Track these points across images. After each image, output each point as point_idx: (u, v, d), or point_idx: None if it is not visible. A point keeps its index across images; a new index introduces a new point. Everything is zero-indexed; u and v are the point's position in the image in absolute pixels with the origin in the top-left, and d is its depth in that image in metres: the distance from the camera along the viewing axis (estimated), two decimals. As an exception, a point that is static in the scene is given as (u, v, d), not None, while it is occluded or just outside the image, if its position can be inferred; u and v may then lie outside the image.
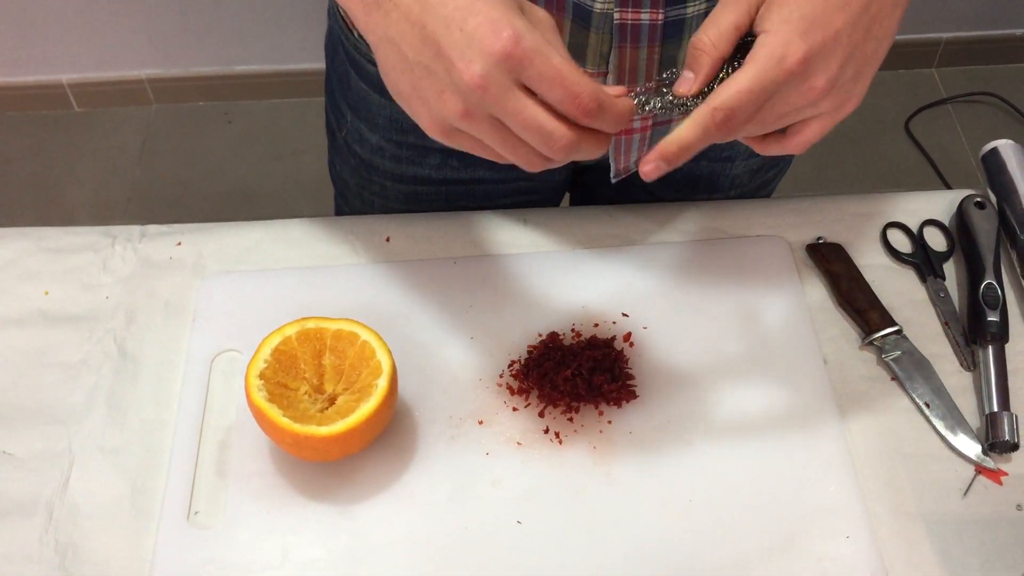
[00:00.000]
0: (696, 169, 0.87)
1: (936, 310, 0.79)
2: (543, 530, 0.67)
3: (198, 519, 0.68)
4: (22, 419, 0.73)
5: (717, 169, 0.88)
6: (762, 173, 0.91)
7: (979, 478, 0.70)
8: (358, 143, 0.88)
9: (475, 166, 0.86)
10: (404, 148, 0.86)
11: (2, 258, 0.82)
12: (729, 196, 0.91)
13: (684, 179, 0.88)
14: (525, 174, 0.86)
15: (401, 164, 0.87)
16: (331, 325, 0.70)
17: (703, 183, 0.89)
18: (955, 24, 2.21)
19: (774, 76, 0.52)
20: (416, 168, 0.87)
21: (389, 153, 0.86)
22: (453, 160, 0.86)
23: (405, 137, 0.85)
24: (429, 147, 0.85)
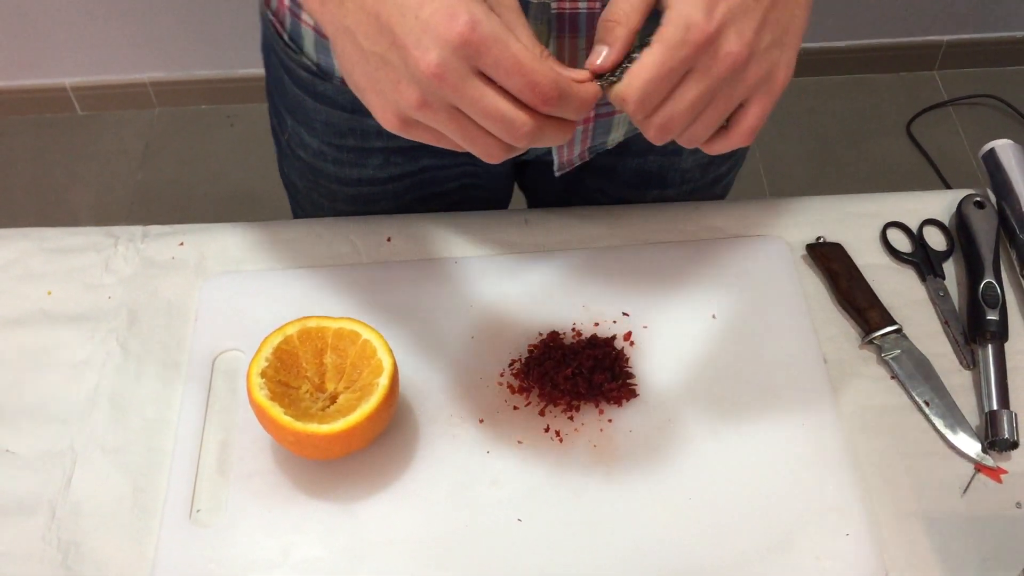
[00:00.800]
0: (645, 164, 0.87)
1: (936, 309, 0.79)
2: (543, 528, 0.67)
3: (200, 517, 0.68)
4: (25, 418, 0.73)
5: (666, 163, 0.87)
6: (714, 168, 0.91)
7: (978, 476, 0.70)
8: (300, 148, 0.88)
9: (419, 157, 0.85)
10: (344, 151, 0.85)
11: (4, 258, 0.82)
12: (681, 192, 0.90)
13: (634, 175, 0.88)
14: (469, 159, 0.84)
15: (344, 167, 0.87)
16: (332, 324, 0.70)
17: (654, 178, 0.88)
18: (956, 26, 2.21)
19: (680, 54, 0.51)
20: (359, 170, 0.87)
21: (331, 157, 0.86)
22: (396, 157, 0.85)
23: (344, 140, 0.84)
24: (369, 148, 0.84)
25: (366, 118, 0.81)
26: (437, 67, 0.50)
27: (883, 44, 2.22)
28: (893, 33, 2.21)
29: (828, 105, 2.21)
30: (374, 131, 0.83)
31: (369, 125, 0.82)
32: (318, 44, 0.76)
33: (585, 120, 0.73)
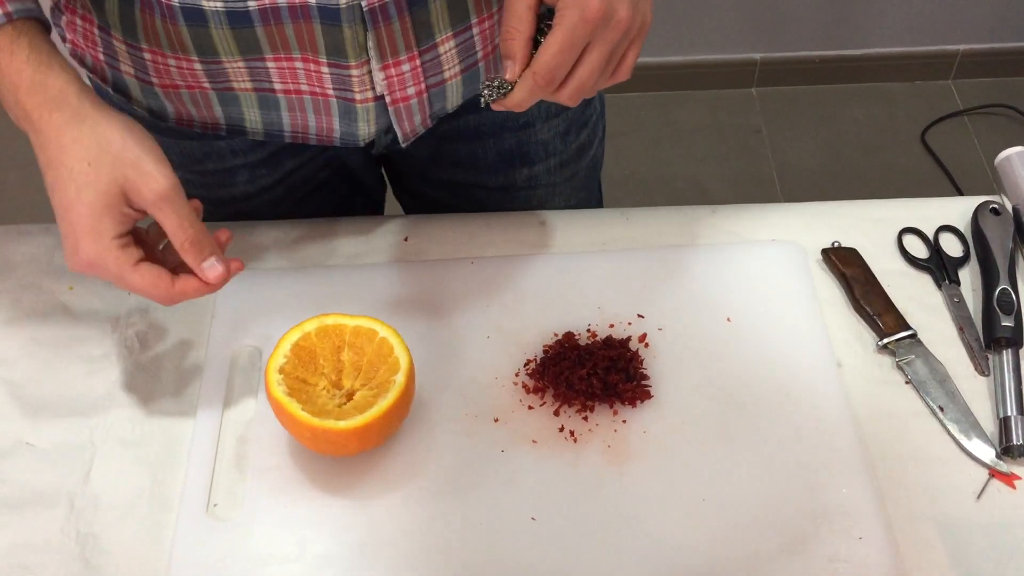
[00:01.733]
0: (502, 144, 0.88)
1: (951, 315, 0.79)
2: (557, 528, 0.67)
3: (217, 511, 0.68)
4: (45, 411, 0.74)
5: (523, 138, 0.88)
6: (573, 135, 0.91)
7: (993, 482, 0.70)
8: None
9: (282, 160, 0.87)
10: (208, 176, 0.86)
11: (28, 254, 0.83)
12: (550, 166, 0.91)
13: (496, 158, 0.89)
14: (325, 148, 0.86)
15: (212, 190, 0.88)
16: (350, 322, 0.70)
17: (517, 157, 0.90)
18: (972, 36, 2.20)
19: (582, 31, 0.60)
20: (228, 189, 0.88)
21: (198, 183, 0.87)
22: (261, 169, 0.86)
23: (203, 166, 0.85)
24: (231, 167, 0.86)
25: (215, 140, 0.82)
26: (83, 268, 0.65)
27: (898, 53, 2.22)
28: (908, 42, 2.21)
29: (843, 113, 2.21)
30: (228, 151, 0.84)
31: (222, 147, 0.83)
32: (145, 90, 0.76)
33: (418, 93, 0.75)
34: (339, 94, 0.73)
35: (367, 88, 0.73)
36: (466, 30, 0.73)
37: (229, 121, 0.78)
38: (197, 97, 0.75)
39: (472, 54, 0.75)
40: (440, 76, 0.75)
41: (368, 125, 0.76)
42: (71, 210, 0.63)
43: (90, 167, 0.63)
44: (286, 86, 0.74)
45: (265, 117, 0.77)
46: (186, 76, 0.73)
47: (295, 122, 0.77)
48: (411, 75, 0.73)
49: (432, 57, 0.73)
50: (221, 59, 0.71)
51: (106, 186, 0.63)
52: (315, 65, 0.71)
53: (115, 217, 0.64)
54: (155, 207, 0.64)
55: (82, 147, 0.63)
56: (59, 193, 0.64)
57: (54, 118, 0.64)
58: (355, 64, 0.70)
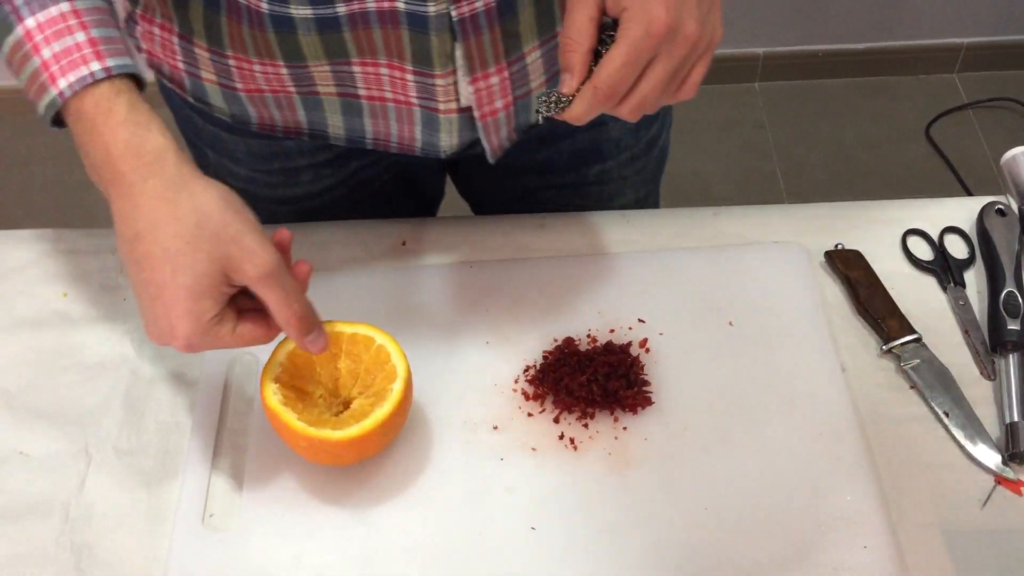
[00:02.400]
0: (576, 144, 0.88)
1: (956, 318, 0.78)
2: (557, 536, 0.67)
3: (213, 522, 0.68)
4: (39, 420, 0.73)
5: (597, 136, 0.88)
6: (644, 130, 0.91)
7: (999, 489, 0.69)
8: (228, 176, 0.87)
9: (347, 163, 0.86)
10: (272, 175, 0.86)
11: (21, 259, 0.82)
12: (621, 161, 0.91)
13: (570, 157, 0.88)
14: (395, 157, 0.85)
15: (276, 189, 0.87)
16: (347, 329, 0.70)
17: (590, 155, 0.89)
18: (976, 29, 2.19)
19: (646, 45, 0.57)
20: (292, 188, 0.87)
21: (262, 181, 0.86)
22: (325, 169, 0.86)
23: (269, 165, 0.85)
24: (296, 167, 0.85)
25: (284, 140, 0.82)
26: (182, 347, 0.61)
27: (902, 47, 2.21)
28: (912, 36, 2.19)
29: (847, 108, 2.19)
30: (295, 151, 0.83)
31: (289, 147, 0.83)
32: (227, 96, 0.75)
33: (505, 106, 0.75)
34: (423, 103, 0.73)
35: (451, 99, 0.72)
36: (552, 38, 0.72)
37: (312, 126, 0.77)
38: (281, 101, 0.75)
39: (557, 62, 0.74)
40: (527, 87, 0.74)
41: (451, 136, 0.76)
42: (165, 290, 0.59)
43: (188, 246, 0.59)
44: (370, 92, 0.73)
45: (348, 123, 0.77)
46: (271, 81, 0.72)
47: (377, 129, 0.77)
48: (499, 87, 0.73)
49: (520, 68, 0.72)
50: (307, 64, 0.70)
51: (205, 267, 0.59)
52: (400, 72, 0.70)
53: (214, 298, 0.60)
54: (259, 284, 0.61)
55: (180, 224, 0.59)
56: (150, 271, 0.60)
57: (148, 186, 0.60)
58: (440, 74, 0.70)
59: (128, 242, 0.60)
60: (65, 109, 0.61)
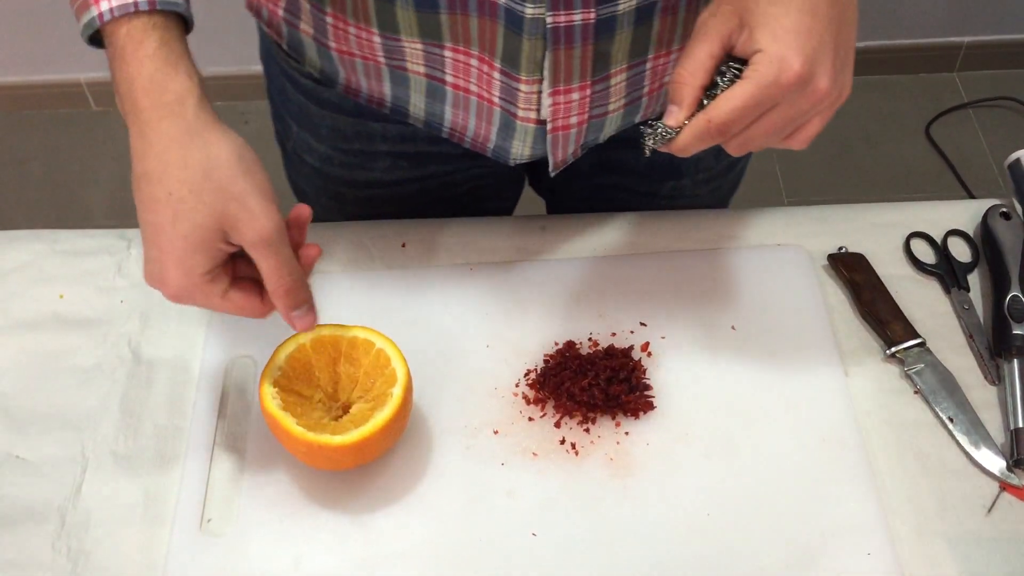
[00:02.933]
0: (656, 156, 0.86)
1: (960, 322, 0.78)
2: (558, 542, 0.66)
3: (211, 527, 0.67)
4: (35, 423, 0.72)
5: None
6: (725, 154, 0.90)
7: (1003, 495, 0.69)
8: (307, 153, 0.87)
9: (425, 163, 0.85)
10: (351, 155, 0.85)
11: (17, 261, 0.82)
12: (697, 180, 0.90)
13: (647, 168, 0.88)
14: (476, 163, 0.85)
15: (352, 170, 0.87)
16: (346, 333, 0.69)
17: (667, 170, 0.88)
18: (976, 28, 2.19)
19: (773, 92, 0.56)
20: (367, 173, 0.86)
21: (338, 161, 0.86)
22: (402, 162, 0.85)
23: (350, 144, 0.84)
24: (376, 152, 0.84)
25: (371, 122, 0.81)
26: (171, 298, 0.62)
27: (902, 45, 2.20)
28: (913, 34, 2.19)
29: (846, 106, 2.14)
30: (379, 135, 0.83)
31: (374, 129, 0.82)
32: (320, 52, 0.76)
33: (579, 123, 0.73)
34: (504, 105, 0.72)
35: (532, 108, 0.71)
36: (640, 64, 0.71)
37: (395, 101, 0.77)
38: (370, 69, 0.74)
39: (639, 88, 0.73)
40: (604, 108, 0.73)
41: (523, 146, 0.75)
42: (161, 235, 0.59)
43: (192, 195, 0.58)
44: (456, 80, 0.72)
45: (429, 106, 0.76)
46: (364, 47, 0.71)
47: (456, 119, 0.76)
48: (578, 104, 0.71)
49: (603, 88, 0.71)
50: (401, 37, 0.69)
51: (204, 219, 0.59)
52: (488, 68, 0.69)
53: (209, 253, 0.60)
54: (255, 248, 0.60)
55: (187, 170, 0.59)
56: (151, 212, 0.59)
57: (163, 127, 0.59)
58: (526, 80, 0.69)
59: (137, 179, 0.60)
60: (103, 32, 0.61)
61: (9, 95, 2.19)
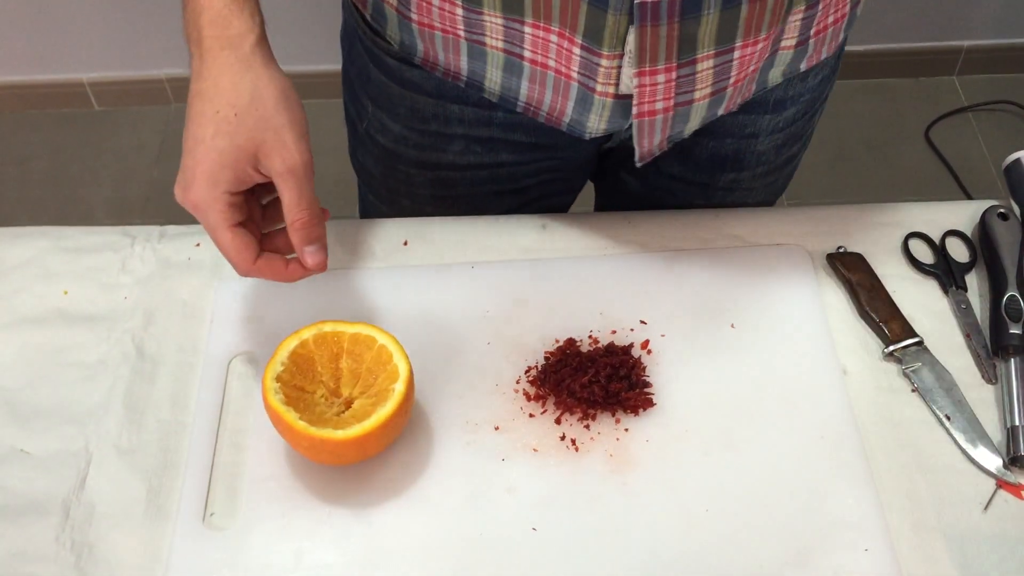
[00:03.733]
0: (722, 148, 0.87)
1: (958, 322, 0.78)
2: (558, 537, 0.67)
3: (213, 521, 0.68)
4: (39, 418, 0.73)
5: (742, 147, 0.87)
6: (787, 148, 0.91)
7: (1000, 492, 0.69)
8: (380, 133, 0.89)
9: (498, 150, 0.86)
10: (427, 136, 0.86)
11: (21, 257, 0.82)
12: (756, 173, 0.90)
13: (710, 159, 0.88)
14: (548, 155, 0.86)
15: (424, 152, 0.88)
16: (348, 329, 0.70)
17: (729, 162, 0.88)
18: (976, 32, 2.19)
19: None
20: (439, 155, 0.87)
21: (412, 142, 0.87)
22: (476, 146, 0.86)
23: (427, 125, 0.85)
24: (451, 134, 0.85)
25: (449, 104, 0.82)
26: (185, 205, 0.66)
27: (902, 49, 2.21)
28: (913, 38, 2.19)
29: (847, 110, 2.19)
30: (456, 118, 0.84)
31: (451, 111, 0.83)
32: (401, 24, 0.77)
33: (665, 109, 0.74)
34: (582, 80, 0.72)
35: (611, 83, 0.71)
36: (728, 51, 0.71)
37: (471, 75, 0.78)
38: (449, 43, 0.75)
39: (725, 78, 0.73)
40: (690, 95, 0.73)
41: (600, 120, 0.75)
42: (199, 147, 0.64)
43: (236, 117, 0.64)
44: (535, 56, 0.73)
45: (506, 81, 0.77)
46: (445, 19, 0.73)
47: (532, 93, 0.77)
48: (664, 88, 0.71)
49: (688, 73, 0.71)
50: (483, 10, 0.70)
51: (243, 140, 0.64)
52: (569, 43, 0.70)
53: (237, 173, 0.65)
54: (281, 178, 0.65)
55: (236, 94, 0.64)
56: (196, 126, 0.65)
57: (223, 55, 0.65)
58: (608, 55, 0.69)
59: (192, 97, 0.66)
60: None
61: (12, 94, 2.19)
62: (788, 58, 0.77)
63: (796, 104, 0.84)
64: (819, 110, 0.91)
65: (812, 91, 0.85)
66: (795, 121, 0.87)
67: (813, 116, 0.90)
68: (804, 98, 0.85)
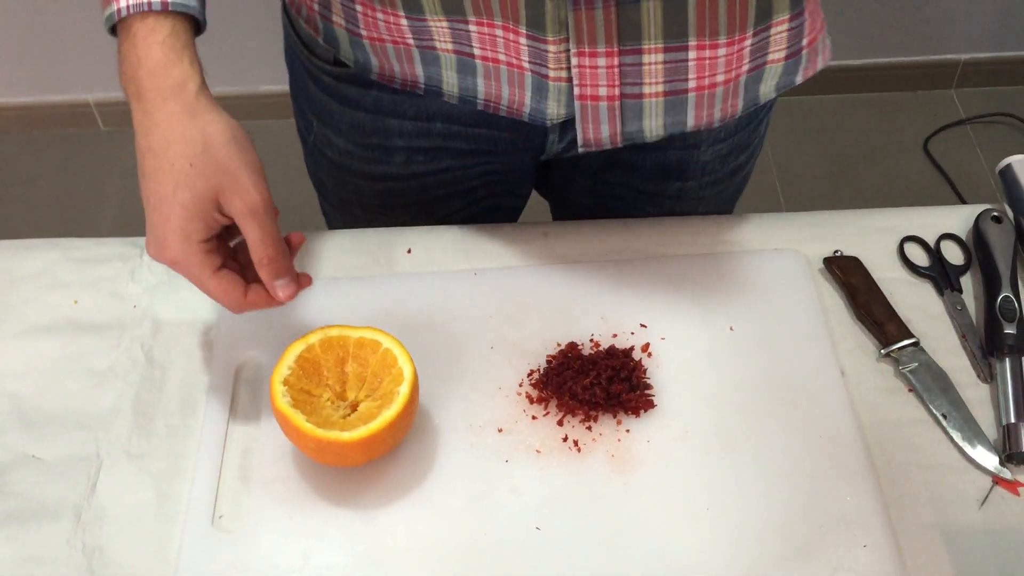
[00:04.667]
0: (664, 158, 0.89)
1: (953, 323, 0.79)
2: (561, 537, 0.68)
3: (222, 523, 0.69)
4: (51, 424, 0.74)
5: (685, 156, 0.88)
6: (732, 158, 0.92)
7: (996, 489, 0.70)
8: (327, 147, 0.91)
9: (440, 157, 0.88)
10: (369, 149, 0.88)
11: (32, 268, 0.84)
12: (703, 183, 0.92)
13: (654, 168, 0.90)
14: (489, 159, 0.88)
15: (369, 164, 0.90)
16: (354, 333, 0.71)
17: (674, 171, 0.90)
18: (974, 45, 2.21)
19: None
20: (384, 167, 0.89)
21: (357, 155, 0.89)
22: (418, 156, 0.88)
23: (369, 139, 0.87)
24: (393, 147, 0.87)
25: (387, 118, 0.84)
26: (169, 262, 0.66)
27: (901, 62, 2.22)
28: (911, 52, 2.21)
29: (846, 123, 2.21)
30: (395, 131, 0.85)
31: (391, 125, 0.85)
32: (353, 42, 0.78)
33: (610, 97, 0.74)
34: (534, 68, 0.73)
35: (562, 67, 0.72)
36: (680, 49, 0.71)
37: (428, 81, 0.79)
38: (401, 53, 0.77)
39: (682, 79, 0.73)
40: (638, 88, 0.74)
41: (558, 105, 0.76)
42: (164, 204, 0.65)
43: (192, 168, 0.65)
44: (484, 52, 0.74)
45: (462, 81, 0.78)
46: (392, 31, 0.74)
47: (489, 90, 0.78)
48: (606, 72, 0.72)
49: (633, 62, 0.72)
50: (425, 16, 0.72)
51: (202, 190, 0.65)
52: (514, 35, 0.71)
53: (207, 221, 0.65)
54: (243, 219, 0.66)
55: (188, 146, 0.65)
56: (155, 184, 0.66)
57: (167, 106, 0.66)
58: (553, 40, 0.70)
59: (142, 154, 0.66)
60: (120, 24, 0.67)
61: (19, 115, 2.22)
62: (778, 72, 0.79)
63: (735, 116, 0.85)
64: (764, 120, 0.92)
65: None
66: (737, 132, 0.88)
67: (758, 127, 0.92)
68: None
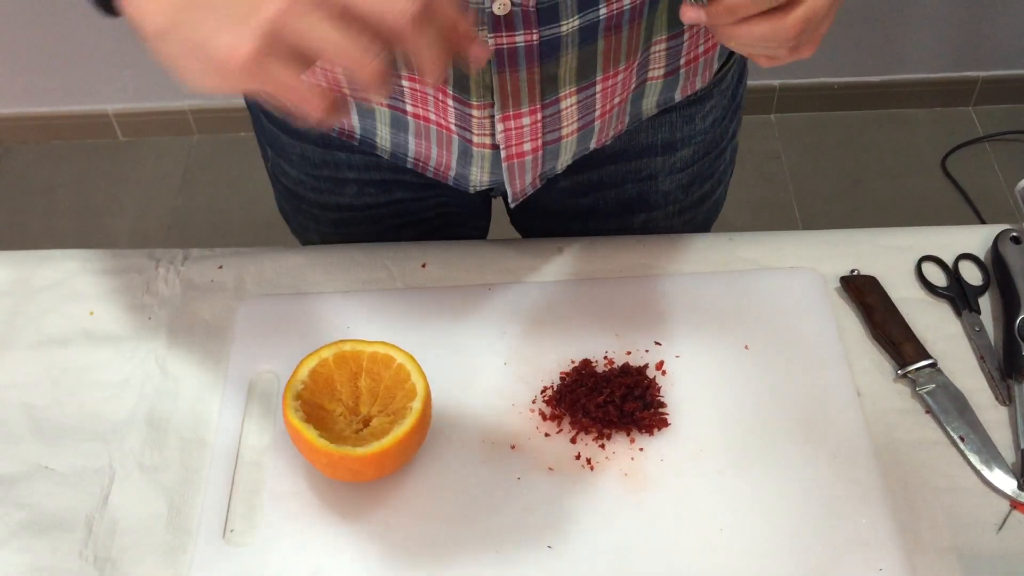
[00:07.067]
0: (624, 193, 0.89)
1: (971, 344, 0.79)
2: (574, 555, 0.67)
3: (234, 537, 0.68)
4: (64, 435, 0.74)
5: (645, 188, 0.89)
6: (696, 187, 0.92)
7: (1014, 513, 0.69)
8: (282, 176, 0.92)
9: (392, 190, 0.88)
10: (321, 180, 0.89)
11: (49, 278, 0.84)
12: (668, 212, 0.92)
13: (617, 204, 0.90)
14: (441, 191, 0.87)
15: (322, 195, 0.90)
16: (367, 348, 0.71)
17: (636, 204, 0.90)
18: (993, 62, 2.20)
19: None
20: (337, 197, 0.90)
21: (309, 185, 0.90)
22: (370, 188, 0.88)
23: (319, 171, 0.88)
24: (343, 179, 0.88)
25: (336, 151, 0.85)
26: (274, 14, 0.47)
27: (919, 79, 2.22)
28: (929, 69, 2.21)
29: (863, 140, 2.20)
30: (345, 164, 0.86)
31: (339, 158, 0.85)
32: None
33: (534, 149, 0.75)
34: (460, 132, 0.74)
35: (486, 133, 0.73)
36: (590, 86, 0.73)
37: (364, 133, 0.80)
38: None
39: (591, 112, 0.75)
40: (557, 133, 0.75)
41: (481, 172, 0.77)
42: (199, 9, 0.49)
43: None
44: (416, 110, 0.75)
45: (394, 137, 0.79)
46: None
47: (419, 149, 0.78)
48: (530, 129, 0.73)
49: (553, 112, 0.73)
50: None
51: None
52: (443, 96, 0.71)
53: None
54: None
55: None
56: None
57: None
58: (477, 104, 0.71)
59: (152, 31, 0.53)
60: None
61: (39, 125, 2.24)
62: (658, 88, 0.79)
63: (689, 145, 0.86)
64: (726, 148, 0.92)
65: (705, 133, 0.87)
66: (696, 162, 0.88)
67: (720, 156, 0.92)
68: (697, 140, 0.86)
